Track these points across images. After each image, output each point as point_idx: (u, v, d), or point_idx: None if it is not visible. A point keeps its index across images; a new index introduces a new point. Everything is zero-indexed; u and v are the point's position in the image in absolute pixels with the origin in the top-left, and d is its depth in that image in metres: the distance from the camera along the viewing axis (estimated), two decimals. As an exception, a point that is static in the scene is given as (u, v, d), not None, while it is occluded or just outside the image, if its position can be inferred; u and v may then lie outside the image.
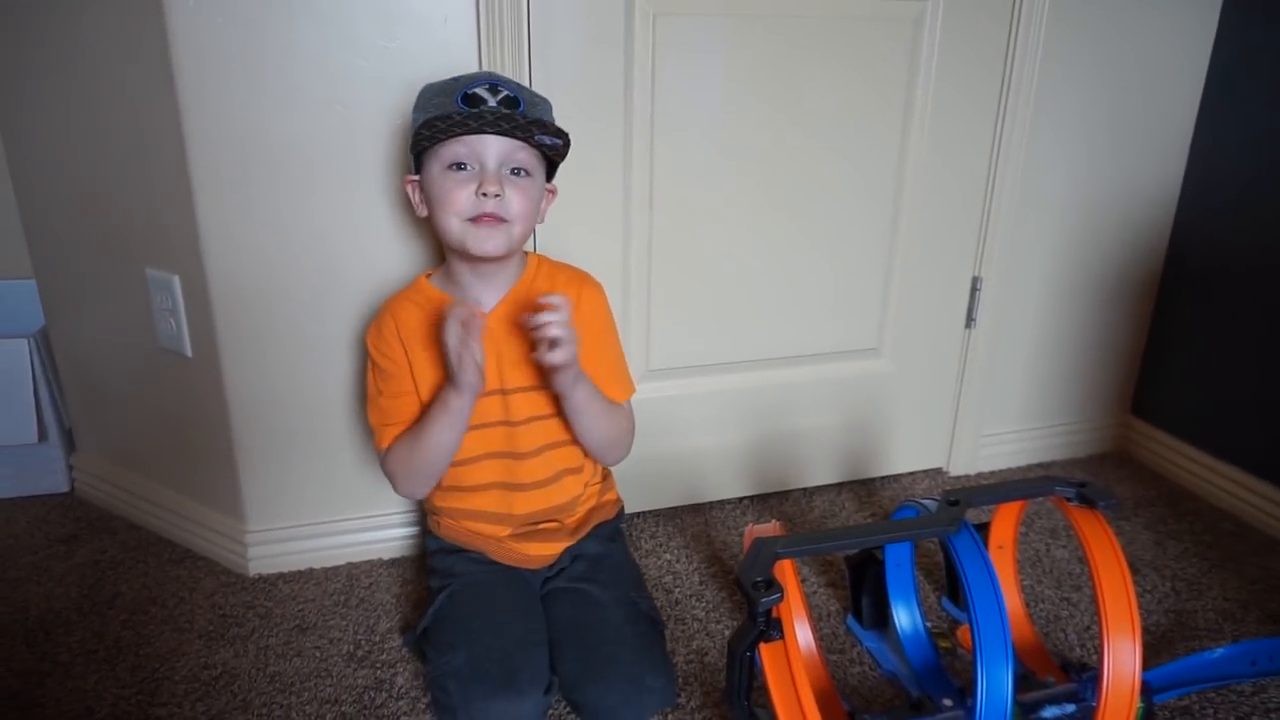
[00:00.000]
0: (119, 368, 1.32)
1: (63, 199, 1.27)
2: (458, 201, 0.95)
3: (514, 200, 0.96)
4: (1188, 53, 1.42)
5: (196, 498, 1.30)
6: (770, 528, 0.99)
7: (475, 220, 0.95)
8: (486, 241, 0.96)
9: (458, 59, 1.08)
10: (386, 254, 1.15)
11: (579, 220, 1.18)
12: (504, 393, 1.04)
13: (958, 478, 1.55)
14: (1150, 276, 1.56)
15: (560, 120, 1.01)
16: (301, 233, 1.11)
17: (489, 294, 1.03)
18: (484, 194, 0.94)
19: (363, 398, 1.13)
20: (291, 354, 1.17)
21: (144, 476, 1.37)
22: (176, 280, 1.15)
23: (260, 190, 1.09)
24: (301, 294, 1.14)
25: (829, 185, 1.31)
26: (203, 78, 1.03)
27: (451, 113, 0.92)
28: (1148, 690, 0.93)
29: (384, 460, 1.07)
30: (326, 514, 1.26)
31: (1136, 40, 1.38)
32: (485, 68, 1.09)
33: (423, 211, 1.01)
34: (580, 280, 1.08)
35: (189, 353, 1.19)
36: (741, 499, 1.46)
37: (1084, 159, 1.43)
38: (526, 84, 1.09)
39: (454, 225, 0.96)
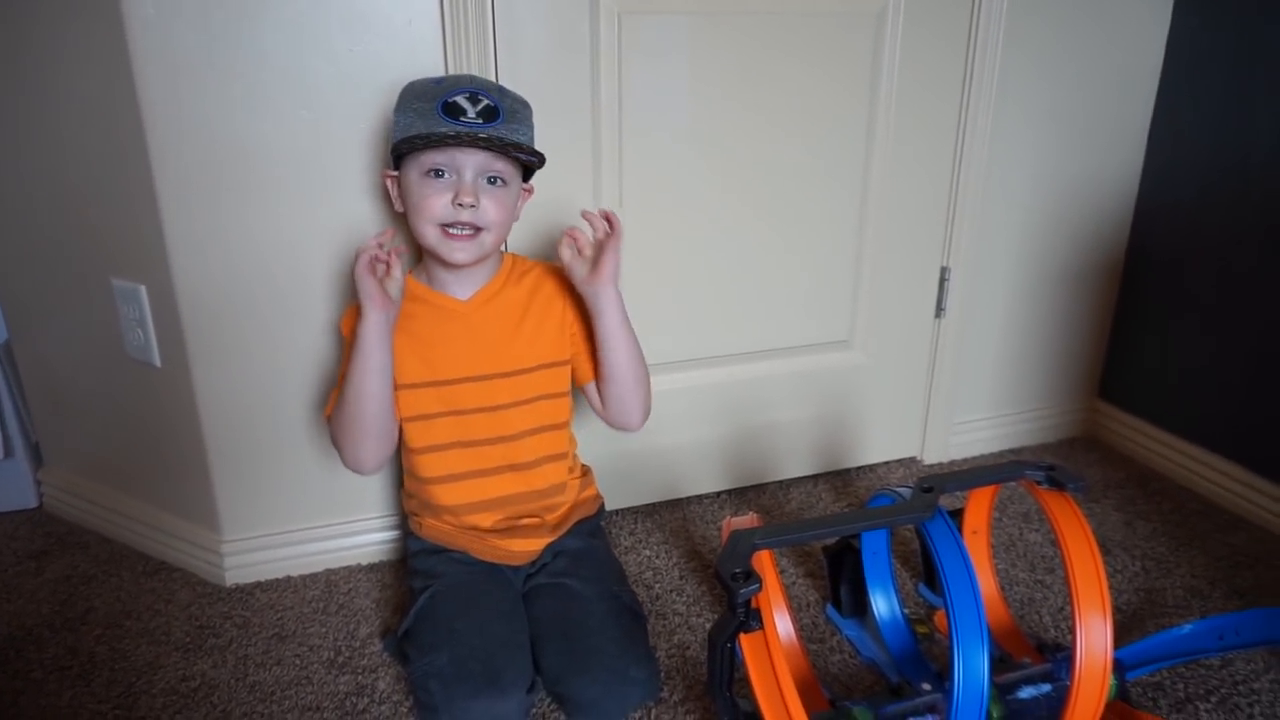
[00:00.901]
0: (86, 380, 1.30)
1: (23, 209, 1.25)
2: (434, 209, 0.96)
3: (490, 209, 0.97)
4: (1145, 42, 1.45)
5: (169, 509, 1.28)
6: (748, 520, 1.00)
7: (449, 230, 0.97)
8: (458, 252, 0.98)
9: (424, 62, 1.08)
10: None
11: (549, 221, 1.18)
12: (482, 379, 1.05)
13: (931, 465, 1.57)
14: (1114, 264, 1.58)
15: (528, 121, 1.01)
16: (269, 239, 1.11)
17: (464, 289, 1.06)
18: (460, 204, 0.95)
19: (336, 403, 1.12)
20: (262, 361, 1.16)
21: (115, 489, 1.35)
22: (143, 290, 1.14)
23: (227, 197, 1.07)
24: (270, 300, 1.13)
25: (797, 180, 1.32)
26: (165, 83, 1.02)
27: (433, 130, 0.93)
28: (1120, 668, 0.95)
29: (329, 428, 1.06)
30: (303, 521, 1.25)
31: (1096, 30, 1.40)
32: (451, 71, 1.09)
33: (400, 207, 1.02)
34: (560, 269, 1.09)
35: (158, 363, 1.17)
36: (719, 493, 1.46)
37: (1047, 149, 1.45)
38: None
39: (430, 233, 0.98)
